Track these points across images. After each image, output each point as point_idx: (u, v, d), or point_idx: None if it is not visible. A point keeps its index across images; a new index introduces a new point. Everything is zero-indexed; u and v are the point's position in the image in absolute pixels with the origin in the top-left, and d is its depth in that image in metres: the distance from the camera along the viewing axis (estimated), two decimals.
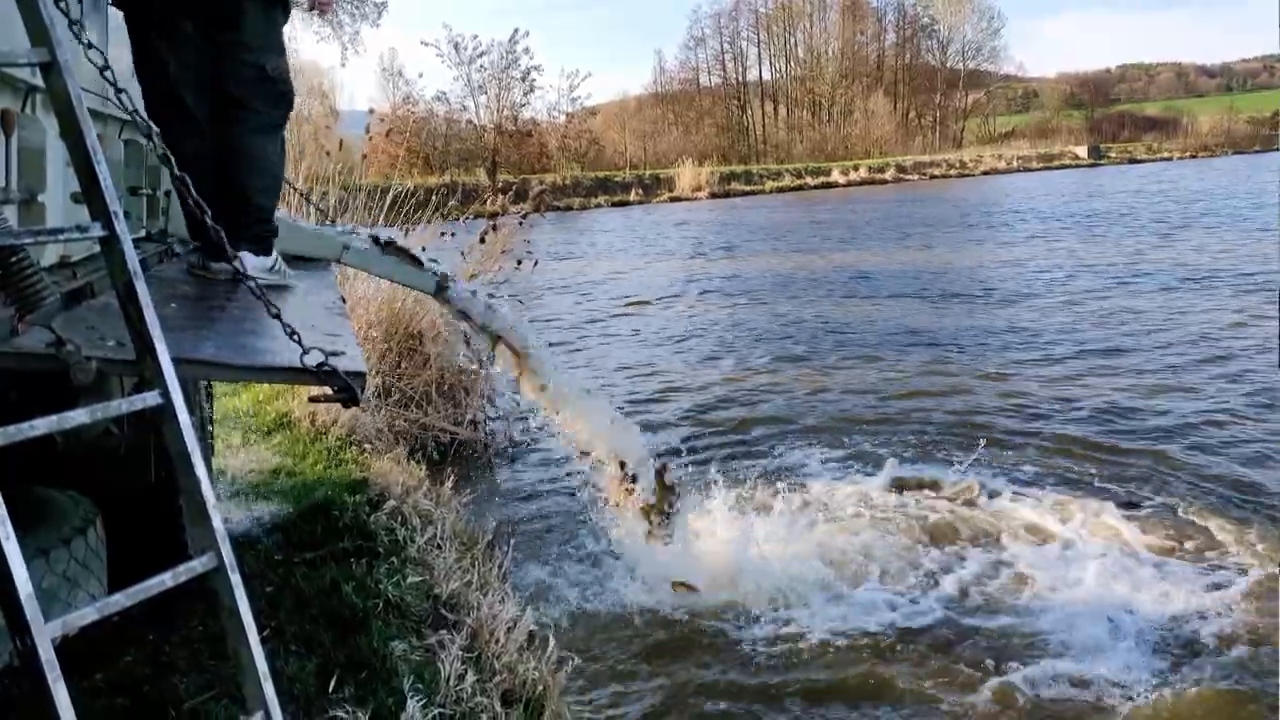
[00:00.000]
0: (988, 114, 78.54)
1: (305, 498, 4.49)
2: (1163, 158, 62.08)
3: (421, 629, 3.30)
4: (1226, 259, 15.41)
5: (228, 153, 2.79)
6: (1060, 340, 10.07)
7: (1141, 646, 3.96)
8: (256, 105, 2.85)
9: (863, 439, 6.87)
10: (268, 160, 2.93)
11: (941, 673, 3.82)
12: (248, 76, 2.81)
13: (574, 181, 41.71)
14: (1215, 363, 8.79)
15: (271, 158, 2.95)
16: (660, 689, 3.76)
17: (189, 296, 2.47)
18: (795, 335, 11.18)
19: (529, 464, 6.60)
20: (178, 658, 2.92)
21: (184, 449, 1.50)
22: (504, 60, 45.72)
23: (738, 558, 4.64)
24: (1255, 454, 6.31)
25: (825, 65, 69.69)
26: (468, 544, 4.32)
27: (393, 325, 7.06)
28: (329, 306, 2.79)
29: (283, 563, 3.72)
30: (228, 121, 2.81)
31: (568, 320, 13.04)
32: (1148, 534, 5.07)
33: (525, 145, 45.62)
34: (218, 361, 1.78)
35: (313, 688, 2.78)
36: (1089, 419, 7.22)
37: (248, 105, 2.83)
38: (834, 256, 18.94)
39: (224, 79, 2.79)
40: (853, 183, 48.67)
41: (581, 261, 19.93)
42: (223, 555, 1.51)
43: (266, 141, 2.92)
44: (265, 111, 2.89)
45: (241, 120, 2.83)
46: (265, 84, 2.86)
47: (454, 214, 8.66)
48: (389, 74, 47.46)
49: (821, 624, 4.18)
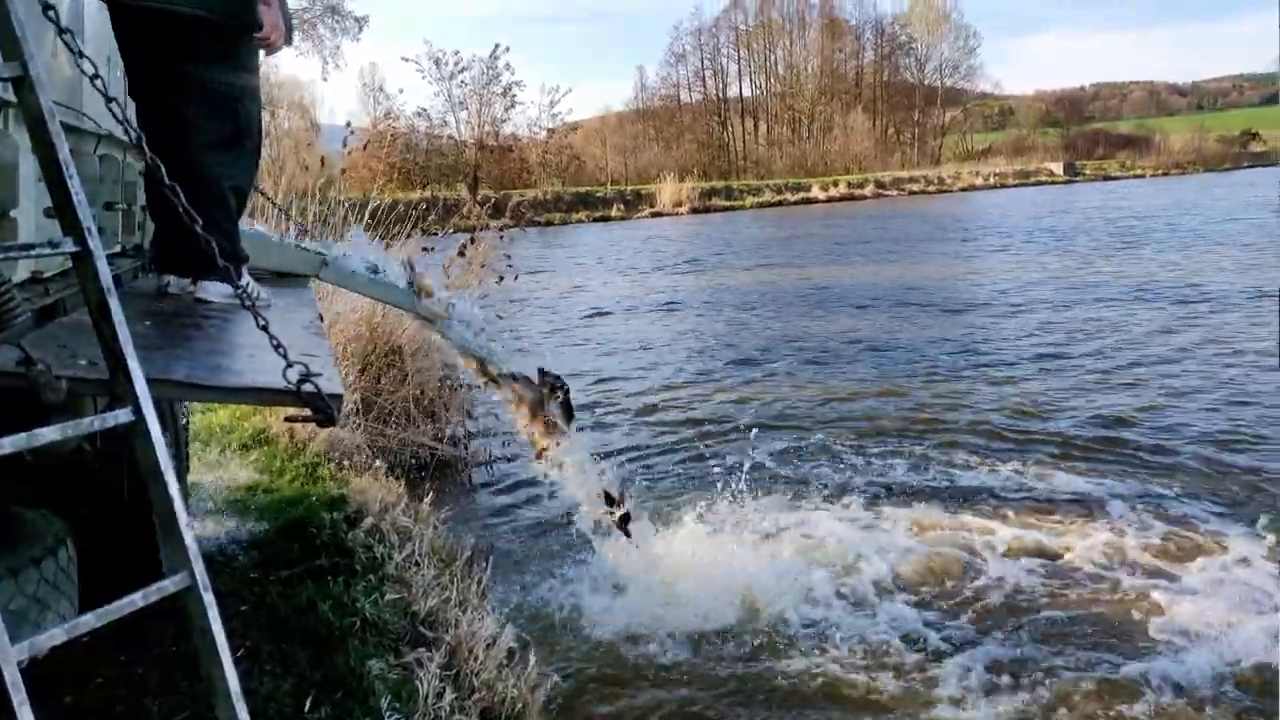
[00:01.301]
0: (965, 131, 79.24)
1: (282, 515, 4.45)
2: (1136, 175, 62.74)
3: (399, 647, 3.27)
4: (1181, 272, 15.82)
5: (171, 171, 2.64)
6: (1007, 349, 10.47)
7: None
8: (201, 121, 2.74)
9: (816, 446, 7.07)
10: (219, 181, 2.80)
11: (925, 684, 3.83)
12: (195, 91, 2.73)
13: (555, 197, 41.74)
14: (1166, 364, 9.26)
15: (224, 179, 2.82)
16: (640, 706, 3.74)
17: (164, 314, 2.44)
18: (758, 347, 11.37)
19: (509, 480, 6.57)
20: (150, 679, 2.88)
21: (156, 467, 1.49)
22: (485, 76, 45.79)
23: (713, 570, 4.64)
24: (1224, 444, 6.65)
25: (805, 82, 70.22)
26: (446, 561, 4.29)
27: (372, 340, 7.03)
28: (306, 325, 2.77)
29: (258, 581, 3.68)
30: (177, 138, 2.68)
31: (535, 329, 13.26)
32: (1141, 540, 5.14)
33: (506, 160, 45.63)
34: (191, 383, 1.75)
35: (288, 708, 2.75)
36: (1032, 422, 7.49)
37: (192, 121, 2.73)
38: (808, 271, 19.10)
39: (173, 93, 2.72)
40: (833, 199, 48.92)
41: (556, 275, 20.05)
42: (195, 574, 1.49)
43: (216, 160, 2.79)
44: (211, 128, 2.78)
45: (187, 136, 2.71)
46: (214, 99, 2.77)
47: (434, 228, 8.65)
48: (370, 89, 47.47)
49: (800, 636, 4.18)
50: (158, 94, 2.70)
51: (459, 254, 7.51)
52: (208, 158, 2.76)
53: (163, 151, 2.61)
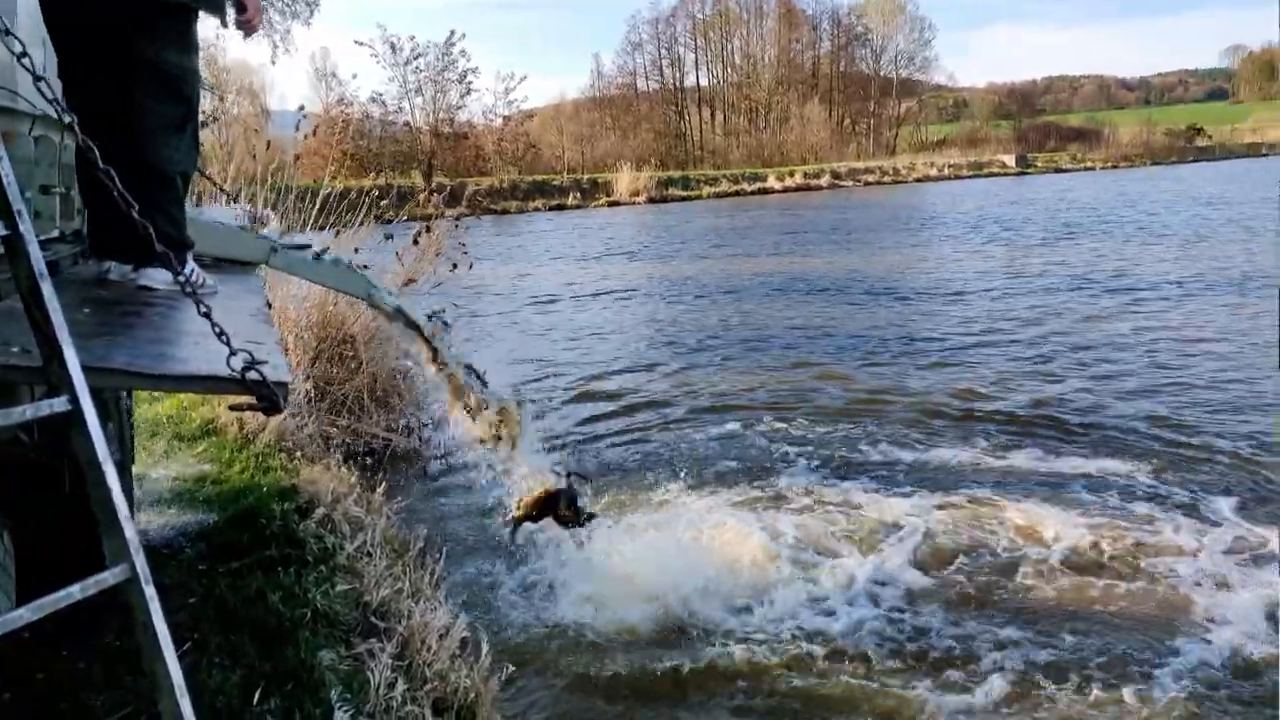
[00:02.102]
0: (920, 122, 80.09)
1: (231, 506, 4.38)
2: (1086, 167, 63.91)
3: (351, 638, 3.24)
4: (1122, 262, 16.29)
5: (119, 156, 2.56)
6: (949, 336, 10.76)
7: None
8: (152, 103, 2.66)
9: (759, 430, 7.22)
10: (168, 165, 2.73)
11: (887, 677, 3.87)
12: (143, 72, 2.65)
13: (511, 185, 41.51)
14: (1087, 350, 9.62)
15: (172, 163, 2.75)
16: (593, 695, 3.75)
17: (104, 300, 2.38)
18: (706, 335, 11.54)
19: (463, 470, 6.52)
20: (94, 673, 2.83)
21: (94, 457, 1.45)
22: (440, 62, 45.39)
23: (663, 556, 4.66)
24: (1158, 422, 6.85)
25: (762, 72, 70.51)
26: (399, 551, 4.26)
27: (324, 329, 6.94)
28: (253, 313, 2.71)
29: (207, 573, 3.62)
30: (127, 121, 2.61)
31: (487, 315, 13.37)
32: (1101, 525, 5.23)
33: (461, 148, 45.31)
34: (132, 371, 1.71)
35: (236, 701, 2.71)
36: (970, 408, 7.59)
37: (144, 104, 2.65)
38: (761, 261, 19.31)
39: (125, 75, 2.64)
40: (789, 189, 49.20)
41: (510, 264, 20.10)
42: (136, 566, 1.46)
43: (164, 144, 2.72)
44: (162, 111, 2.70)
45: (138, 120, 2.63)
46: (166, 81, 2.70)
47: (388, 216, 8.55)
48: (321, 74, 46.82)
49: (751, 626, 4.21)
50: (108, 76, 2.62)
51: (413, 242, 7.43)
52: (157, 141, 2.70)
53: (111, 135, 2.55)
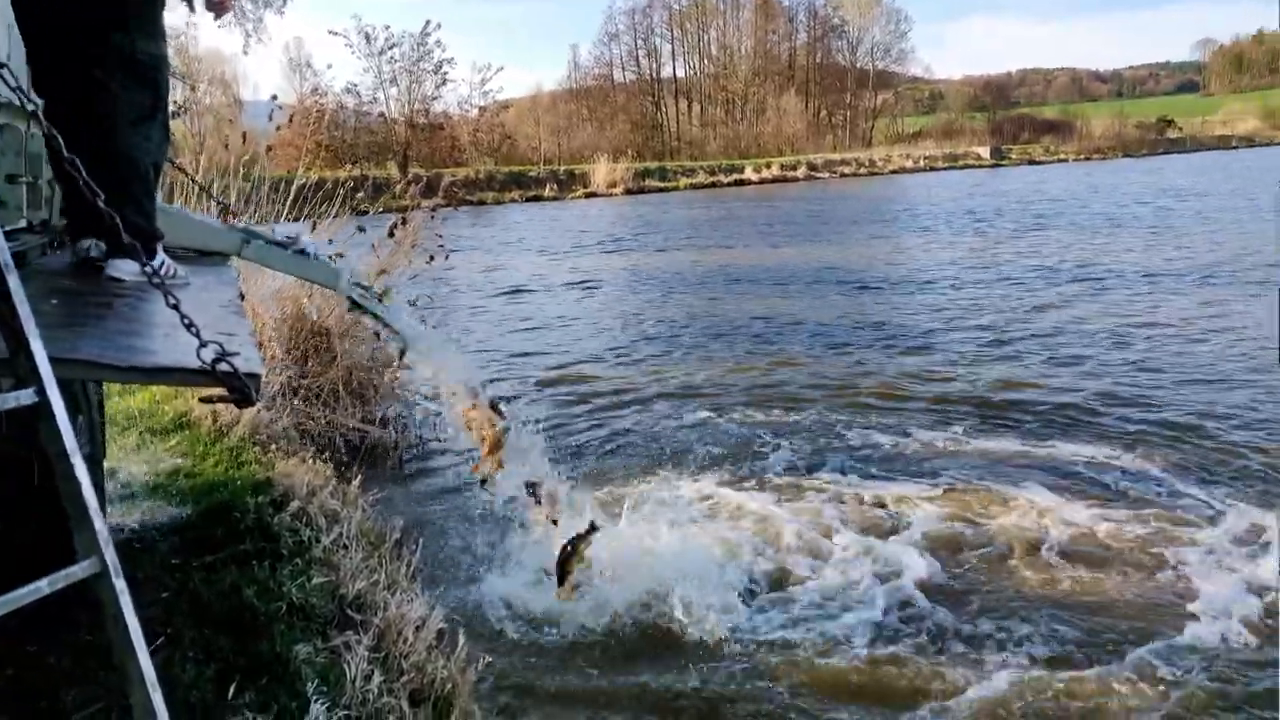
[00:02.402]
0: (896, 114, 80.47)
1: (205, 499, 4.34)
2: (1059, 159, 64.37)
3: (327, 630, 3.22)
4: (1087, 252, 16.57)
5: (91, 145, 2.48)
6: (918, 324, 10.93)
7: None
8: (123, 92, 2.63)
9: (730, 419, 7.28)
10: (139, 154, 2.71)
11: (872, 664, 3.90)
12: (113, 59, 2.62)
13: (487, 176, 41.33)
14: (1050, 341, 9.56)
15: (143, 153, 2.72)
16: (570, 685, 3.75)
17: (72, 292, 2.36)
18: (679, 325, 11.61)
19: (440, 462, 6.52)
20: (67, 669, 2.80)
21: (63, 449, 1.44)
22: (415, 52, 45.09)
23: (638, 548, 4.68)
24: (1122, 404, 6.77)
25: (738, 63, 70.54)
26: (375, 543, 4.24)
27: (299, 321, 6.89)
28: (225, 304, 2.69)
29: (180, 567, 3.59)
30: (98, 111, 2.59)
31: (462, 306, 13.45)
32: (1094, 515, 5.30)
33: (437, 139, 45.06)
34: (100, 362, 1.69)
35: (211, 695, 2.69)
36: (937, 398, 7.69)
37: (116, 93, 2.62)
38: (736, 252, 19.38)
39: (95, 64, 2.61)
40: (765, 180, 49.27)
41: (486, 255, 20.14)
42: (105, 560, 1.45)
43: (136, 133, 2.69)
44: (133, 100, 2.67)
45: (110, 109, 2.61)
46: (137, 69, 2.68)
47: (363, 207, 8.50)
48: (295, 64, 46.40)
49: (725, 620, 4.21)
50: (77, 64, 2.59)
51: (389, 234, 7.38)
52: (129, 131, 2.67)
53: (80, 124, 2.52)
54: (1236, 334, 9.66)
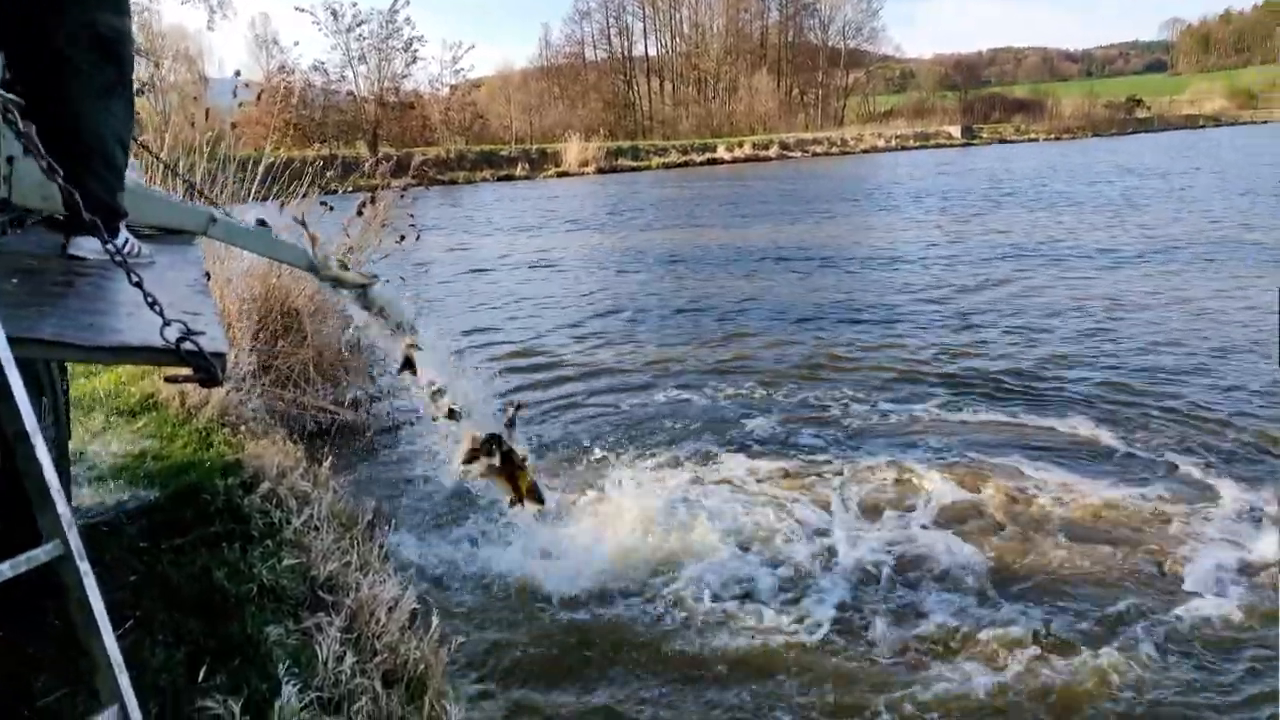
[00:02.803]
0: (868, 93, 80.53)
1: (174, 481, 4.29)
2: (1030, 139, 64.72)
3: (299, 612, 3.20)
4: (1054, 231, 16.75)
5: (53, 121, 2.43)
6: (885, 302, 10.96)
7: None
8: (88, 67, 2.56)
9: (699, 397, 7.29)
10: (104, 130, 2.64)
11: (850, 657, 3.94)
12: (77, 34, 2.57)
13: (458, 155, 40.98)
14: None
15: (108, 129, 2.66)
16: (545, 664, 3.77)
17: (33, 271, 2.31)
18: (646, 303, 11.63)
19: (411, 443, 6.48)
20: (36, 654, 2.77)
21: (23, 429, 1.41)
22: (384, 29, 44.49)
23: (609, 528, 4.69)
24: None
25: (710, 41, 70.27)
26: (347, 525, 4.21)
27: (269, 302, 6.81)
28: (190, 284, 2.65)
29: (149, 550, 3.55)
30: (63, 86, 2.53)
31: (428, 285, 13.40)
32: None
33: (407, 118, 44.57)
34: (60, 341, 1.65)
35: (181, 678, 2.68)
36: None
37: (81, 68, 2.55)
38: (706, 232, 19.35)
39: (57, 37, 2.55)
40: (738, 159, 49.22)
41: (456, 234, 20.06)
42: (69, 542, 1.43)
43: (101, 109, 2.63)
44: (98, 75, 2.60)
45: (75, 84, 2.54)
46: (102, 44, 2.62)
47: (333, 187, 8.39)
48: (261, 41, 45.71)
49: (705, 598, 4.23)
50: (39, 38, 2.53)
51: (357, 212, 7.30)
52: (94, 106, 2.61)
53: (45, 100, 2.47)
54: (1197, 307, 9.83)
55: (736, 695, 3.55)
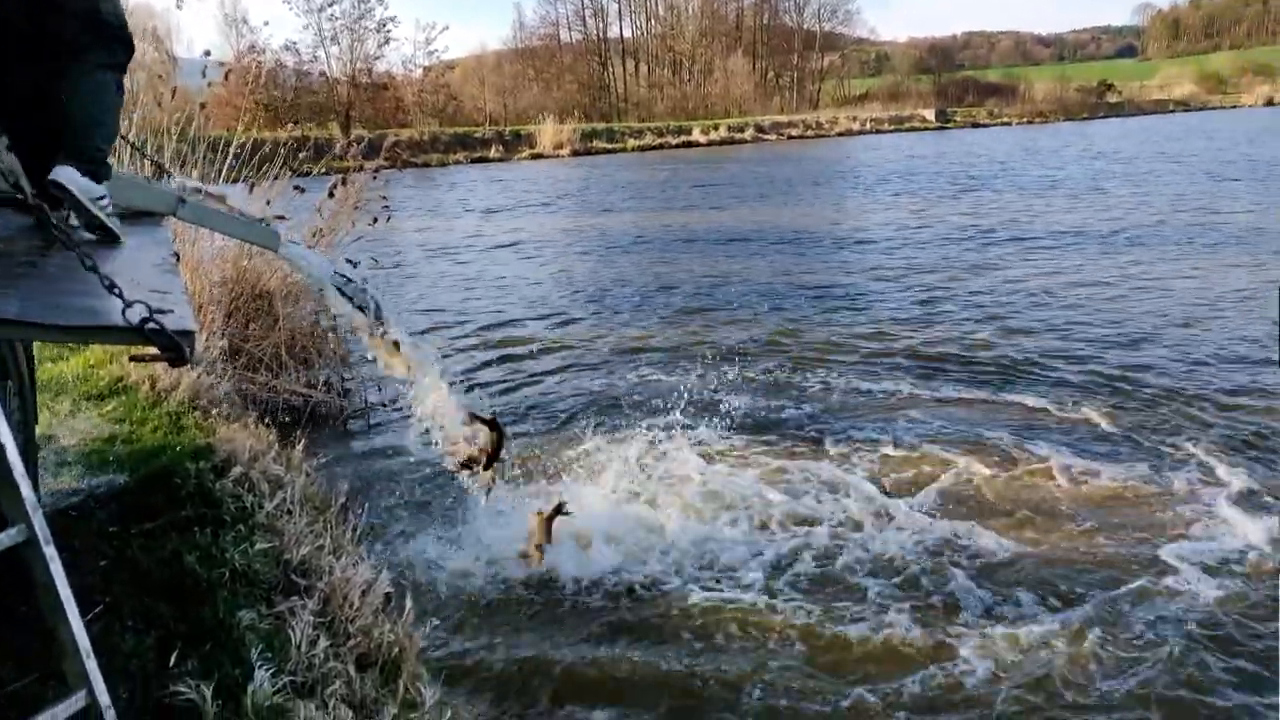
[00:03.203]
0: (843, 76, 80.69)
1: (144, 466, 4.24)
2: (1003, 123, 65.10)
3: (271, 596, 3.18)
4: (1019, 213, 16.89)
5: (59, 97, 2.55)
6: (855, 284, 11.00)
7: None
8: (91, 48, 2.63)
9: (670, 380, 7.27)
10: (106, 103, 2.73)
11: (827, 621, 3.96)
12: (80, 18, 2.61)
13: (432, 138, 40.67)
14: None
15: (107, 102, 2.74)
16: (521, 647, 3.77)
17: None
18: (620, 286, 11.60)
19: (385, 426, 6.46)
20: (4, 640, 2.73)
21: None
22: (357, 10, 44.04)
23: (587, 511, 4.69)
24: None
25: (685, 23, 70.01)
26: (320, 508, 4.19)
27: (240, 284, 6.74)
28: (158, 263, 2.62)
29: (118, 535, 3.51)
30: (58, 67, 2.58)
31: (401, 267, 13.36)
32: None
33: (380, 99, 44.21)
34: (22, 321, 1.62)
35: (152, 663, 2.65)
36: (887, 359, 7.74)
37: (82, 48, 2.60)
38: (679, 215, 19.33)
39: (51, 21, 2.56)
40: (713, 142, 49.17)
41: (430, 217, 19.96)
42: (34, 527, 1.41)
43: (101, 86, 2.71)
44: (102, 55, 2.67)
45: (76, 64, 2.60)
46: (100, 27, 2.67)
47: (305, 169, 8.30)
48: (231, 20, 45.08)
49: (679, 578, 4.25)
50: (44, 23, 2.54)
51: (329, 194, 7.23)
52: (94, 84, 2.68)
53: (42, 83, 2.49)
54: (1163, 290, 9.97)
55: (714, 673, 3.56)
